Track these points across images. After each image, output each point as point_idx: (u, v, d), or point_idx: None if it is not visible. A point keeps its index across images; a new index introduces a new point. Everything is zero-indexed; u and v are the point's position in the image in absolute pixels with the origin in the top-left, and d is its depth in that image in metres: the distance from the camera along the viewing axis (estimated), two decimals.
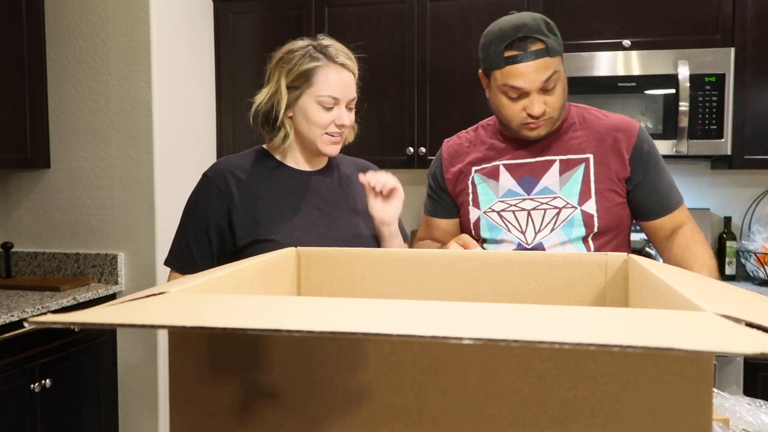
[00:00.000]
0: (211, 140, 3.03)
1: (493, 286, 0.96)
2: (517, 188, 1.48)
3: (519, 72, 1.37)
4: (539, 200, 1.46)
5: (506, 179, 1.50)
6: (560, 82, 1.40)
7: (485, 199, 1.51)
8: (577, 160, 1.46)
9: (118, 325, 0.40)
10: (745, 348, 0.33)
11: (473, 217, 1.52)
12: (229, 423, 0.55)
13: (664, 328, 0.41)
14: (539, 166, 1.48)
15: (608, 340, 0.33)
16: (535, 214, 1.46)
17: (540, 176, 1.47)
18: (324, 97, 1.36)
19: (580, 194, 1.44)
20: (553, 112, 1.41)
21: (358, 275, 1.02)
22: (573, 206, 1.44)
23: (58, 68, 2.68)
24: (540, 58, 1.36)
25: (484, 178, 1.52)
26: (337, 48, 1.40)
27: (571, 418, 0.48)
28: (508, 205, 1.48)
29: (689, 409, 0.48)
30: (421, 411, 0.50)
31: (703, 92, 2.41)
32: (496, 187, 1.50)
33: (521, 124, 1.43)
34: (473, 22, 2.70)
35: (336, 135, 1.40)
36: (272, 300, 0.54)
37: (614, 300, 0.94)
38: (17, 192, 2.75)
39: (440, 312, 0.46)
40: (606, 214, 1.44)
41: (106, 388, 2.59)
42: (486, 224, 1.50)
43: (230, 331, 0.38)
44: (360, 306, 0.50)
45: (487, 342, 0.31)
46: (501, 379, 0.49)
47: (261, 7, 2.93)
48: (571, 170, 1.45)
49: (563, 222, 1.44)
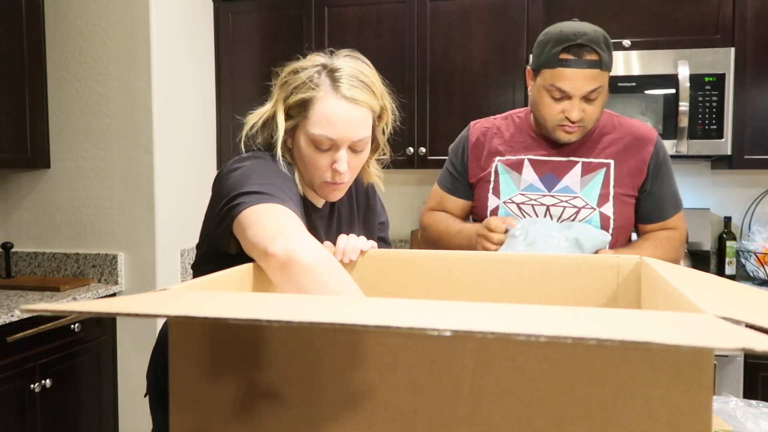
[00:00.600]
0: (211, 140, 3.03)
1: (502, 289, 0.96)
2: (538, 184, 1.54)
3: (569, 76, 1.43)
4: (559, 198, 1.52)
5: (529, 174, 1.55)
6: (602, 96, 1.47)
7: (506, 190, 1.56)
8: (599, 164, 1.53)
9: (106, 314, 0.39)
10: (729, 343, 0.33)
11: (491, 205, 1.56)
12: (229, 421, 0.55)
13: (650, 327, 0.41)
14: (562, 166, 1.54)
15: (584, 334, 0.33)
16: (554, 210, 1.51)
17: (562, 175, 1.53)
18: (317, 135, 1.10)
19: (600, 197, 1.51)
20: (589, 121, 1.48)
21: (368, 275, 1.02)
22: (592, 207, 1.51)
23: (58, 68, 2.68)
24: (592, 68, 1.42)
25: (507, 169, 1.57)
26: (349, 74, 1.12)
27: (567, 420, 0.48)
28: (528, 198, 1.54)
29: (688, 413, 0.47)
30: (416, 411, 0.50)
31: (703, 92, 2.41)
32: (518, 180, 1.55)
33: (557, 125, 1.49)
34: (473, 22, 2.70)
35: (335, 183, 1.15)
36: (261, 297, 0.54)
37: (626, 303, 0.93)
38: (17, 192, 2.75)
39: (425, 308, 0.46)
40: (620, 217, 1.52)
41: (106, 388, 2.59)
42: (504, 214, 1.54)
43: (211, 320, 0.38)
44: (348, 302, 0.50)
45: (465, 334, 0.31)
46: (496, 379, 0.48)
47: (261, 7, 2.93)
48: (593, 173, 1.52)
49: (582, 221, 1.50)
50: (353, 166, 1.16)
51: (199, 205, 2.93)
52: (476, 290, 0.97)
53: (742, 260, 2.65)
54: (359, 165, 1.18)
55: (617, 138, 1.55)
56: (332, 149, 1.12)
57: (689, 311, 0.56)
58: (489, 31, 2.69)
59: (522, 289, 0.96)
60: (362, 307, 0.49)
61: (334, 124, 1.09)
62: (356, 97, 1.10)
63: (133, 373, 2.65)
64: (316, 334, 0.50)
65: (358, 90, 1.11)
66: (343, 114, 1.10)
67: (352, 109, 1.10)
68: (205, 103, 2.98)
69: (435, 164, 2.80)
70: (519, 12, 2.65)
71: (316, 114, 1.10)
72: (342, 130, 1.10)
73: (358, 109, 1.11)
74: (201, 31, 2.93)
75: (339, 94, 1.10)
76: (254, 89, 2.99)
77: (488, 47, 2.69)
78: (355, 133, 1.11)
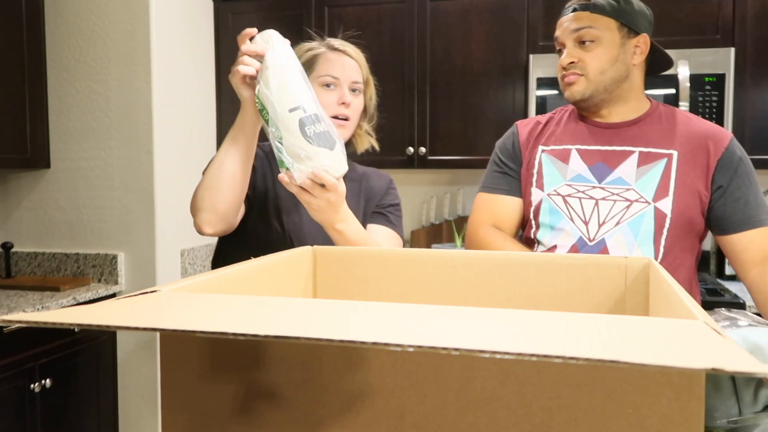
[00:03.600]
0: (211, 140, 3.03)
1: (508, 289, 0.95)
2: (588, 174, 1.38)
3: (559, 23, 1.41)
4: (610, 190, 1.35)
5: (577, 163, 1.39)
6: (601, 42, 1.36)
7: (550, 181, 1.40)
8: (660, 154, 1.35)
9: (77, 325, 0.39)
10: (697, 363, 0.32)
11: (535, 200, 1.41)
12: (227, 422, 0.55)
13: (631, 337, 0.41)
14: (616, 155, 1.38)
15: (551, 351, 0.33)
16: (603, 204, 1.34)
17: (615, 165, 1.36)
18: (323, 76, 1.37)
19: (657, 190, 1.32)
20: (590, 71, 1.36)
21: (373, 275, 1.01)
22: (646, 201, 1.32)
23: (58, 68, 2.68)
24: (580, 11, 1.37)
25: (552, 159, 1.42)
26: (341, 42, 1.43)
27: (554, 426, 0.47)
28: (575, 190, 1.37)
29: (678, 422, 0.46)
30: (402, 415, 0.50)
31: (703, 92, 2.40)
32: (564, 170, 1.40)
33: (561, 81, 1.41)
34: (473, 22, 2.69)
35: (341, 117, 1.37)
36: (259, 303, 0.54)
37: (634, 305, 0.91)
38: (17, 192, 2.76)
39: (405, 314, 0.46)
40: (681, 217, 1.31)
41: (106, 388, 2.59)
42: (548, 208, 1.39)
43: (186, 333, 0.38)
44: (323, 308, 0.50)
45: (429, 350, 0.31)
46: (482, 385, 0.48)
47: (261, 7, 2.93)
48: (651, 163, 1.34)
49: (632, 216, 1.32)
50: (354, 107, 1.40)
51: None
52: (481, 291, 0.96)
53: None
54: (358, 108, 1.42)
55: (685, 130, 1.37)
56: (336, 88, 1.38)
57: (684, 317, 0.55)
58: (489, 31, 2.68)
59: (528, 289, 0.94)
60: (330, 315, 0.49)
61: (334, 66, 1.38)
62: (347, 50, 1.41)
63: (133, 373, 2.65)
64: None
65: (348, 47, 1.42)
66: (339, 59, 1.39)
67: (345, 57, 1.40)
68: (205, 103, 2.98)
69: (435, 164, 2.80)
70: (519, 12, 2.64)
71: (320, 64, 1.38)
72: (340, 71, 1.38)
73: (350, 59, 1.40)
74: (201, 31, 2.93)
75: (334, 50, 1.41)
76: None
77: (488, 47, 2.69)
78: (351, 75, 1.39)
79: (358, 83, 1.41)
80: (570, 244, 1.35)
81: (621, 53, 1.37)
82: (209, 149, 3.02)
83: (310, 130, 1.06)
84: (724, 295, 2.26)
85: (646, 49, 1.40)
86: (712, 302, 2.13)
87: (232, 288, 0.80)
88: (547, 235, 1.39)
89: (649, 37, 1.39)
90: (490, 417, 0.48)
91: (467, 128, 2.76)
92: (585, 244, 1.34)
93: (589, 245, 1.34)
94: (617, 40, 1.36)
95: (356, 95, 1.41)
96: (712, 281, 2.55)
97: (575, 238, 1.35)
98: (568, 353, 0.31)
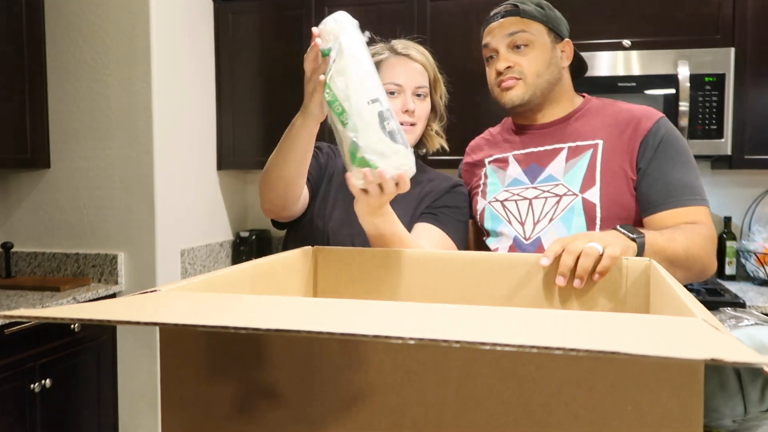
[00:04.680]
0: (211, 140, 3.03)
1: (509, 289, 0.95)
2: (522, 177, 1.41)
3: (488, 30, 1.44)
4: (542, 188, 1.38)
5: (513, 168, 1.44)
6: (534, 46, 1.38)
7: (491, 189, 1.45)
8: (586, 146, 1.37)
9: (77, 320, 0.39)
10: (696, 354, 0.32)
11: (479, 208, 1.46)
12: (226, 421, 0.55)
13: (626, 334, 0.41)
14: (547, 154, 1.40)
15: (551, 343, 0.33)
16: (536, 203, 1.36)
17: (546, 164, 1.39)
18: (387, 84, 1.33)
19: (584, 180, 1.32)
20: (527, 74, 1.38)
21: (373, 275, 1.02)
22: (574, 193, 1.32)
23: (58, 68, 2.68)
24: (508, 17, 1.40)
25: (495, 168, 1.48)
26: (405, 44, 1.42)
27: (554, 423, 0.47)
28: (512, 194, 1.41)
29: (678, 418, 0.46)
30: (403, 411, 0.50)
31: (703, 92, 2.40)
32: (503, 177, 1.44)
33: (496, 87, 1.43)
34: (473, 22, 2.69)
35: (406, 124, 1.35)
36: (258, 301, 0.54)
37: (634, 306, 0.91)
38: (17, 192, 2.76)
39: (404, 312, 0.46)
40: (612, 204, 1.29)
41: (106, 388, 2.59)
42: (489, 215, 1.43)
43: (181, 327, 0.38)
44: (323, 306, 0.50)
45: (429, 342, 0.31)
46: (482, 381, 0.48)
47: (261, 7, 2.93)
48: (578, 156, 1.36)
49: (563, 211, 1.32)
50: (419, 113, 1.38)
51: (199, 205, 2.94)
52: (482, 291, 0.96)
53: (742, 260, 2.64)
54: (423, 113, 1.40)
55: (610, 118, 1.38)
56: (400, 95, 1.36)
57: (684, 315, 0.55)
58: None
59: (529, 288, 0.95)
60: (331, 312, 0.49)
61: (396, 72, 1.37)
62: (411, 53, 1.40)
63: (133, 373, 2.65)
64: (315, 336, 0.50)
65: (411, 50, 1.40)
66: (405, 66, 1.38)
67: (409, 62, 1.39)
68: (205, 103, 2.98)
69: (434, 164, 2.79)
70: None
71: (384, 71, 1.36)
72: (403, 78, 1.36)
73: (414, 63, 1.39)
74: (201, 31, 2.93)
75: (396, 54, 1.39)
76: (254, 89, 2.99)
77: None
78: (414, 80, 1.37)
79: (423, 87, 1.39)
80: (507, 245, 1.38)
81: (553, 56, 1.41)
82: (209, 149, 3.02)
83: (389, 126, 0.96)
84: (724, 295, 2.26)
85: (571, 54, 1.45)
86: (712, 302, 2.13)
87: (232, 288, 0.80)
88: (492, 240, 1.43)
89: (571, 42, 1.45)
90: (490, 414, 0.48)
91: (467, 128, 2.75)
92: (521, 244, 1.37)
93: (525, 244, 1.36)
94: (548, 44, 1.40)
95: (421, 99, 1.39)
96: (712, 281, 2.55)
97: (511, 239, 1.38)
98: (568, 345, 0.31)
